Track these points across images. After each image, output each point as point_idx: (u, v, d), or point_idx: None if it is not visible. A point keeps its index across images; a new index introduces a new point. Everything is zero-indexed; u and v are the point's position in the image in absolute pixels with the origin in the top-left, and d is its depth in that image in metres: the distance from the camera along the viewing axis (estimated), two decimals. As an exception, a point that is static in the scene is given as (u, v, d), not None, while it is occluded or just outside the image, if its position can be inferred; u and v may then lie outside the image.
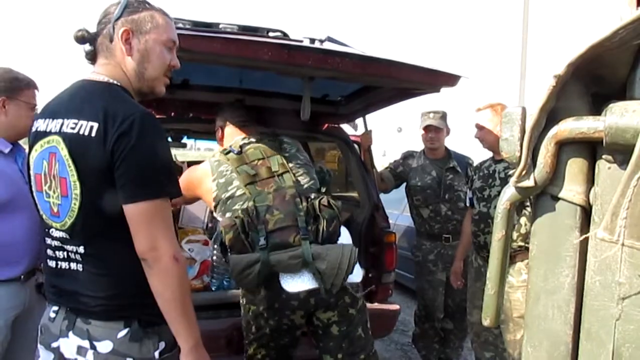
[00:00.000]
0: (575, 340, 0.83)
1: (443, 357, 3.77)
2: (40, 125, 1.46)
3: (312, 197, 2.17)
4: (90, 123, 1.35)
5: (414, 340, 3.86)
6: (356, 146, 3.69)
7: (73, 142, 1.37)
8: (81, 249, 1.41)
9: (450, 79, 2.70)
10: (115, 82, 1.47)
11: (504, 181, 2.94)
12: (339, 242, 2.17)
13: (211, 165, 2.33)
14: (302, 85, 2.57)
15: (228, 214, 2.17)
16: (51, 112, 1.46)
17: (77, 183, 1.36)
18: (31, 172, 1.49)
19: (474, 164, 3.59)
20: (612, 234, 0.70)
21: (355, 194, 4.04)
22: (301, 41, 2.60)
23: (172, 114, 3.24)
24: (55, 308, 1.49)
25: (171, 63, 1.54)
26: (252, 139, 2.40)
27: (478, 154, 4.14)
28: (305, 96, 2.57)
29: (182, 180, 2.29)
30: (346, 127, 3.84)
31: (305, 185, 2.24)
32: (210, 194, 2.26)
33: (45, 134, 1.43)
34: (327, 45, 2.61)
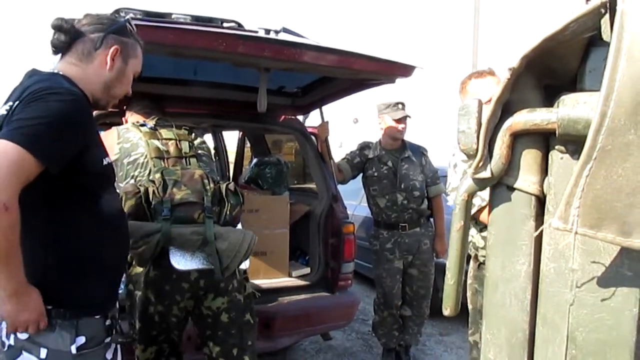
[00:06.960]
0: (532, 327, 0.85)
1: (402, 343, 3.83)
2: None
3: (220, 181, 2.21)
4: (15, 103, 1.32)
5: (373, 328, 3.91)
6: (313, 138, 3.68)
7: None
8: None
9: (405, 70, 2.72)
10: (62, 73, 1.46)
11: None
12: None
13: (118, 131, 2.28)
14: (258, 77, 2.55)
15: (130, 181, 2.13)
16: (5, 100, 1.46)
17: None
18: None
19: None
20: (566, 222, 0.71)
21: (313, 186, 4.04)
22: (256, 32, 2.57)
23: (124, 107, 3.14)
24: None
25: (128, 91, 1.66)
26: (167, 123, 2.38)
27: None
28: (262, 88, 2.55)
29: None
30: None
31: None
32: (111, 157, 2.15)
33: None
34: (283, 36, 2.59)
